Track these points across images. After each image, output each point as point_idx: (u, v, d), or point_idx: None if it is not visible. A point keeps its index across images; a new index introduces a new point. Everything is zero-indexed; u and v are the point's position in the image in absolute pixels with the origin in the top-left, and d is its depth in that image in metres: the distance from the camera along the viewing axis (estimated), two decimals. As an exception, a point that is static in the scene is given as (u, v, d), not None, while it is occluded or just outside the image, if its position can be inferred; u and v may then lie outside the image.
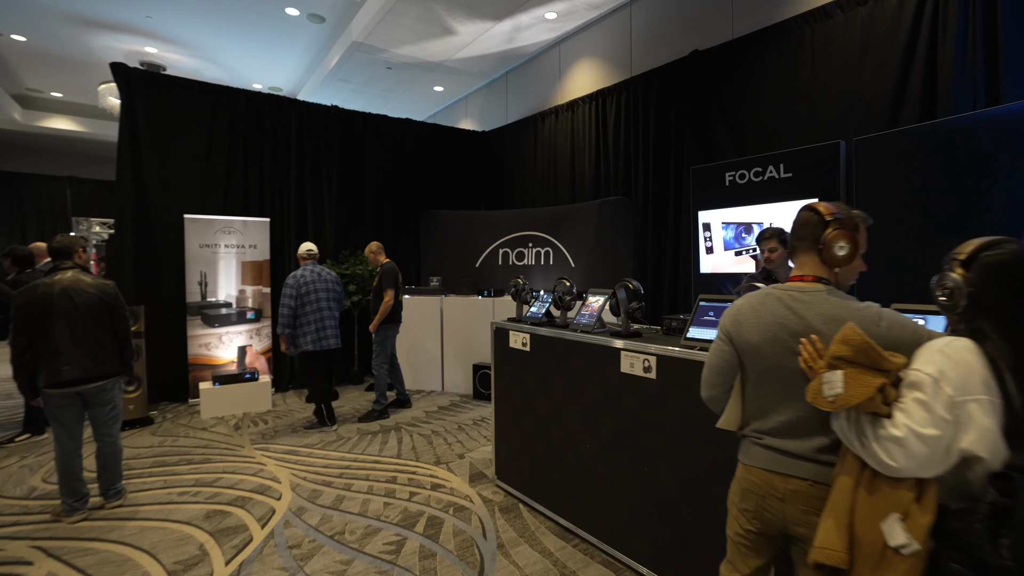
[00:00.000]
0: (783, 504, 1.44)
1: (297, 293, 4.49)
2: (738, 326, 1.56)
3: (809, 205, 1.53)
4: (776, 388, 1.48)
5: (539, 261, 6.55)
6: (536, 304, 3.39)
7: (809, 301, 1.44)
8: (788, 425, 1.45)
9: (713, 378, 1.64)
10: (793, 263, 1.59)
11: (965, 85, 3.37)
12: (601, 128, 6.04)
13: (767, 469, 1.48)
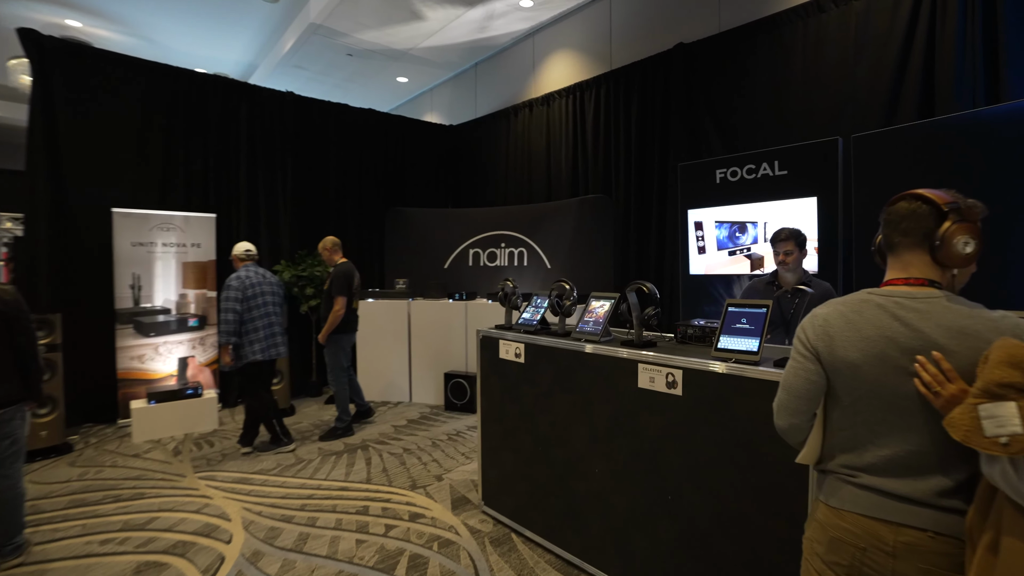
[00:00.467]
0: (893, 560, 1.15)
1: (243, 296, 3.95)
2: (829, 341, 1.27)
3: (914, 193, 1.25)
4: (880, 416, 1.20)
5: (512, 262, 6.22)
6: (529, 309, 3.04)
7: (925, 310, 1.17)
8: (895, 461, 1.18)
9: (795, 404, 1.33)
10: (888, 261, 1.32)
11: (965, 83, 3.29)
12: (579, 123, 5.78)
13: (869, 516, 1.19)
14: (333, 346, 4.40)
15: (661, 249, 5.01)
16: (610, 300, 2.64)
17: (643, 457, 2.22)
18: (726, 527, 1.96)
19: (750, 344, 2.00)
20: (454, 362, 5.51)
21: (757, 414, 1.87)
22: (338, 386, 4.47)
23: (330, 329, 4.32)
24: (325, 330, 4.34)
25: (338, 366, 4.45)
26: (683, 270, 4.45)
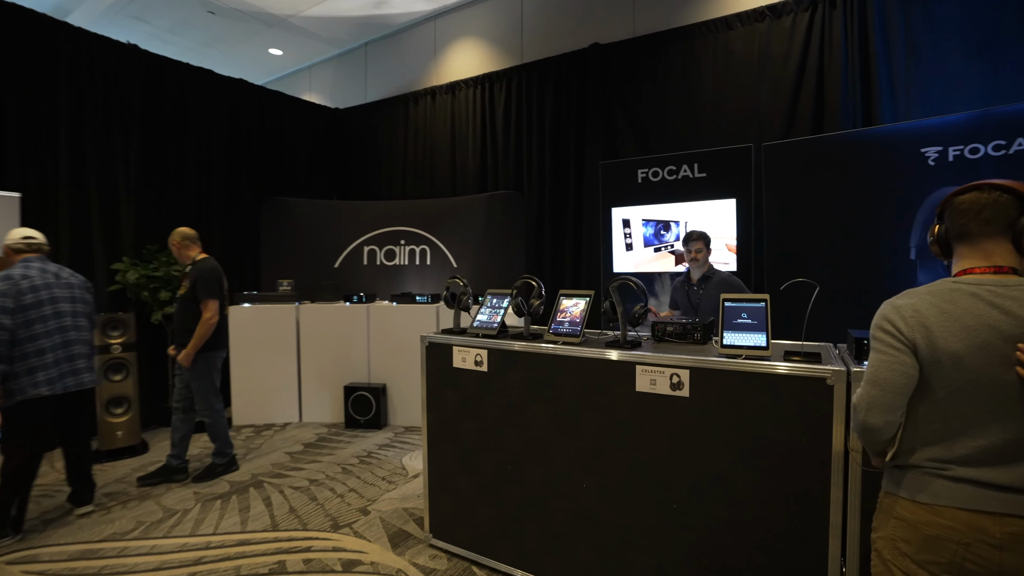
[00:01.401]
0: (1000, 553, 1.12)
1: (17, 305, 2.68)
2: (927, 332, 1.20)
3: (993, 183, 1.25)
4: (978, 407, 1.17)
5: (414, 261, 5.73)
6: (484, 311, 2.70)
7: (1021, 298, 1.16)
8: (992, 451, 1.15)
9: (892, 400, 1.24)
10: (964, 253, 1.29)
11: (847, 106, 3.75)
12: (488, 115, 5.53)
13: (970, 509, 1.15)
14: (202, 365, 3.49)
15: (578, 247, 4.98)
16: (585, 298, 2.43)
17: (644, 468, 2.04)
18: (742, 537, 1.86)
19: (758, 339, 1.94)
20: (354, 373, 4.87)
21: (772, 413, 1.80)
22: (212, 413, 3.58)
23: (200, 343, 3.41)
24: (193, 345, 3.38)
25: (211, 389, 3.56)
26: (605, 267, 4.45)
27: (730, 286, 3.10)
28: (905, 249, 3.28)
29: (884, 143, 3.34)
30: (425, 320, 4.77)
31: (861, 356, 1.79)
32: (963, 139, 3.09)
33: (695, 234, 3.24)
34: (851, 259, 3.37)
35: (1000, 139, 3.00)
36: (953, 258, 1.34)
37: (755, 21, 4.07)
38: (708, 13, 4.30)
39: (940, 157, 3.15)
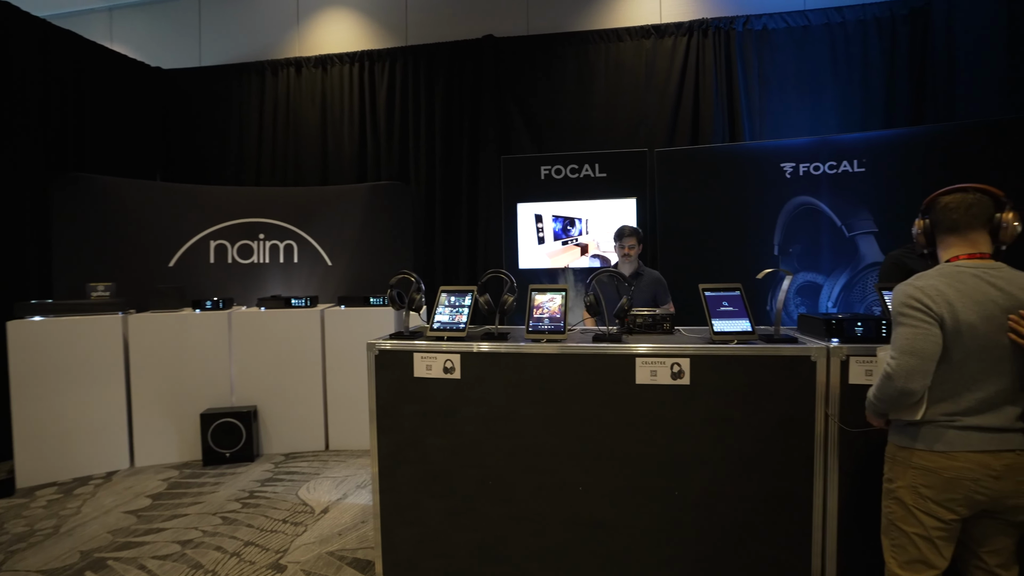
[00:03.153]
0: (998, 481, 1.40)
1: None
2: (951, 308, 1.43)
3: (975, 186, 1.54)
4: (982, 366, 1.44)
5: (278, 258, 4.89)
6: (443, 311, 2.39)
7: (1006, 277, 1.45)
8: (986, 401, 1.43)
9: (926, 366, 1.45)
10: (952, 242, 1.54)
11: (717, 121, 4.33)
12: (368, 98, 5.01)
13: (978, 451, 1.42)
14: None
15: (473, 241, 4.82)
16: (561, 293, 2.32)
17: (649, 461, 2.02)
18: (743, 507, 1.96)
19: (743, 324, 2.07)
20: (213, 396, 3.95)
21: (765, 390, 1.94)
22: None
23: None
24: None
25: None
26: (508, 262, 4.38)
27: (662, 284, 3.22)
28: (770, 246, 3.91)
29: (752, 157, 3.93)
30: (308, 327, 4.11)
31: (832, 335, 2.02)
32: (808, 158, 3.81)
33: (628, 230, 3.19)
34: (729, 254, 3.88)
35: (833, 160, 3.77)
36: (939, 247, 1.60)
37: (642, 37, 4.43)
38: (600, 23, 4.55)
39: (794, 171, 3.82)
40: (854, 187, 3.73)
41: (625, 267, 3.26)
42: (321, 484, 3.44)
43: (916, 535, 1.49)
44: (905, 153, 3.69)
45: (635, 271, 3.20)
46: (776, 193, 3.86)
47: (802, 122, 4.26)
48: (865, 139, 3.81)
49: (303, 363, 4.10)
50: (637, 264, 3.26)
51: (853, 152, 3.75)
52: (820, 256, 3.84)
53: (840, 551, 1.92)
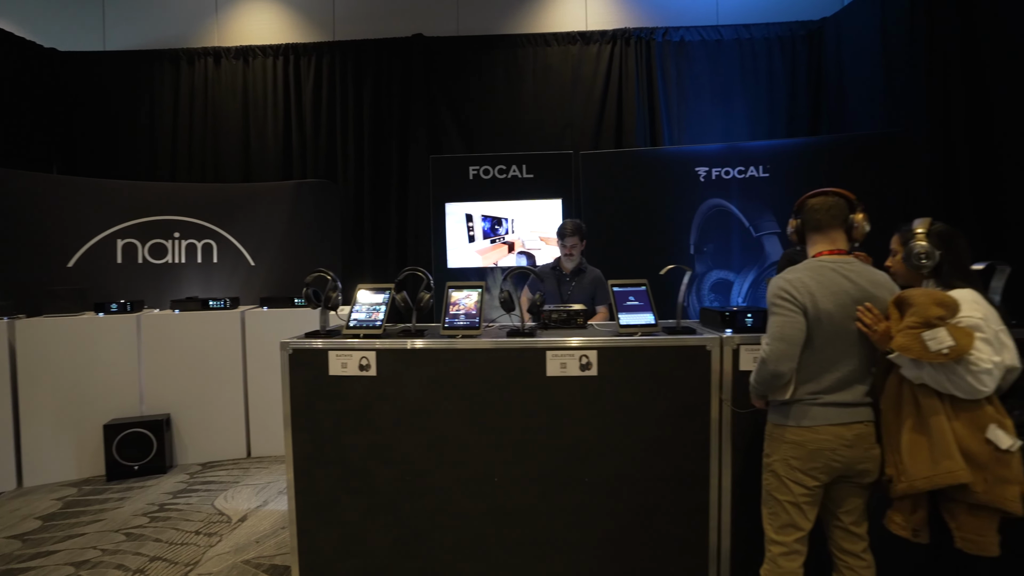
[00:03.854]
0: (850, 449, 1.60)
1: None
2: (812, 298, 1.60)
3: (834, 190, 1.73)
4: (839, 349, 1.62)
5: (195, 258, 4.64)
6: (360, 309, 2.37)
7: (857, 271, 1.65)
8: (842, 380, 1.62)
9: (792, 351, 1.61)
10: (817, 240, 1.71)
11: (639, 126, 4.54)
12: (294, 93, 4.85)
13: (835, 424, 1.61)
14: None
15: (403, 240, 4.79)
16: (477, 290, 2.37)
17: (561, 450, 2.10)
18: (649, 487, 2.08)
19: (647, 318, 2.20)
20: (120, 406, 3.69)
21: (667, 379, 2.07)
22: None
23: None
24: None
25: None
26: (437, 261, 4.38)
27: (602, 283, 3.23)
28: (686, 244, 4.15)
29: (670, 161, 4.15)
30: (228, 330, 3.93)
31: (725, 325, 2.19)
32: (720, 163, 4.07)
33: (571, 228, 3.14)
34: (650, 252, 4.07)
35: (742, 166, 4.05)
36: (808, 244, 1.77)
37: (568, 43, 4.58)
38: (529, 27, 4.65)
39: (707, 175, 4.08)
40: (760, 191, 4.03)
41: (567, 264, 3.23)
42: (240, 492, 3.30)
43: (787, 502, 1.65)
44: (804, 160, 4.02)
45: (577, 267, 3.19)
46: (691, 196, 4.11)
47: (716, 129, 4.55)
48: (770, 147, 4.13)
49: (222, 367, 3.92)
50: (580, 260, 3.23)
51: (759, 158, 4.05)
52: (731, 255, 4.11)
53: (734, 524, 2.08)
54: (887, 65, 3.95)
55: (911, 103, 3.74)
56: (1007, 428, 1.47)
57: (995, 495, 1.44)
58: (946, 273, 1.64)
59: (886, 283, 1.65)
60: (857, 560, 1.66)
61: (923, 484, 1.48)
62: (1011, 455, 1.45)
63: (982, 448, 1.45)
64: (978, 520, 1.48)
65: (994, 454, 1.45)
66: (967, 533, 1.49)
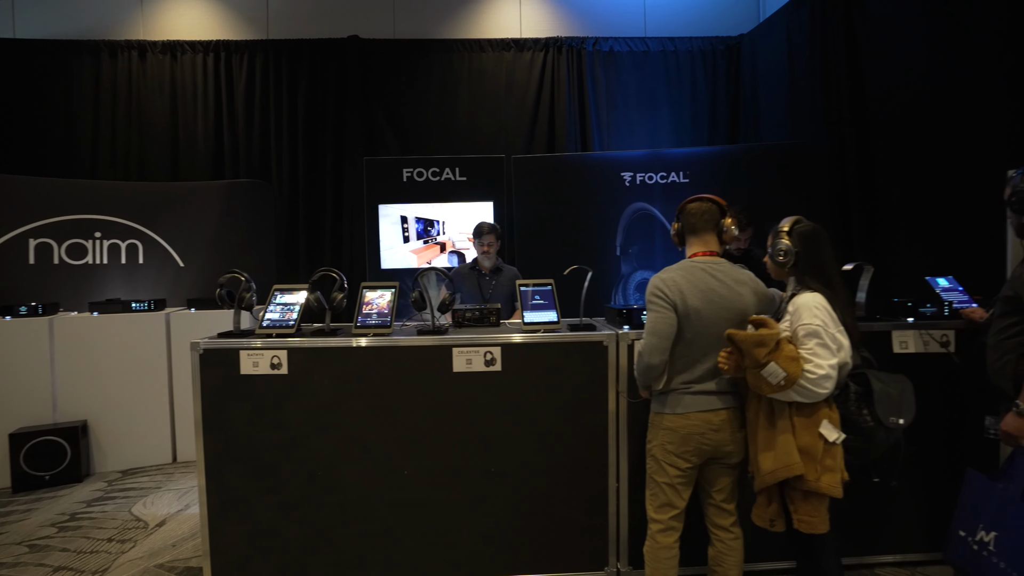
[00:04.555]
0: (717, 433, 1.76)
1: None
2: (682, 295, 1.74)
3: (707, 197, 1.88)
4: (708, 343, 1.76)
5: (118, 259, 4.48)
6: (274, 309, 2.40)
7: (724, 271, 1.81)
8: (710, 370, 1.77)
9: (663, 344, 1.75)
10: (693, 242, 1.88)
11: (570, 131, 4.72)
12: (225, 91, 4.76)
13: (703, 411, 1.76)
14: None
15: (338, 242, 4.79)
16: (391, 290, 2.44)
17: (466, 443, 2.20)
18: (551, 478, 2.22)
19: (551, 316, 2.34)
20: (29, 414, 3.54)
21: (566, 373, 2.21)
22: None
23: None
24: None
25: None
26: (371, 262, 4.41)
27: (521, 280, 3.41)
28: (612, 247, 4.34)
29: (598, 166, 4.34)
30: (151, 333, 3.84)
31: (623, 322, 2.35)
32: (644, 169, 4.29)
33: (487, 227, 3.25)
34: (578, 254, 4.23)
35: (664, 171, 4.28)
36: (687, 246, 1.94)
37: (503, 50, 4.70)
38: (464, 33, 4.75)
39: (632, 180, 4.29)
40: (681, 195, 4.14)
41: (485, 262, 3.33)
42: (161, 498, 3.24)
43: (664, 483, 1.81)
44: (721, 167, 4.29)
45: (495, 267, 3.30)
46: (618, 199, 4.30)
47: (642, 136, 4.79)
48: (689, 154, 4.39)
49: (145, 371, 3.82)
50: (496, 260, 3.37)
51: (680, 165, 4.29)
52: (654, 256, 4.33)
53: (631, 508, 2.23)
54: (793, 81, 4.28)
55: (812, 116, 4.06)
56: (835, 422, 1.65)
57: (823, 483, 1.62)
58: (802, 271, 1.78)
59: (749, 282, 1.81)
60: (727, 533, 1.84)
61: (770, 479, 1.66)
62: (836, 447, 1.64)
63: (815, 442, 1.62)
64: (810, 504, 1.67)
65: (824, 446, 1.62)
66: (803, 516, 1.67)
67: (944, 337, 2.31)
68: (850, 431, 1.67)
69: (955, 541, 1.95)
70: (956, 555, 1.95)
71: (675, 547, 1.84)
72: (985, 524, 1.83)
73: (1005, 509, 1.77)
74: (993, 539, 1.80)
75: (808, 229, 1.80)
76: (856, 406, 1.69)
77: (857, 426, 1.68)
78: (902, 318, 2.40)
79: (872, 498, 2.18)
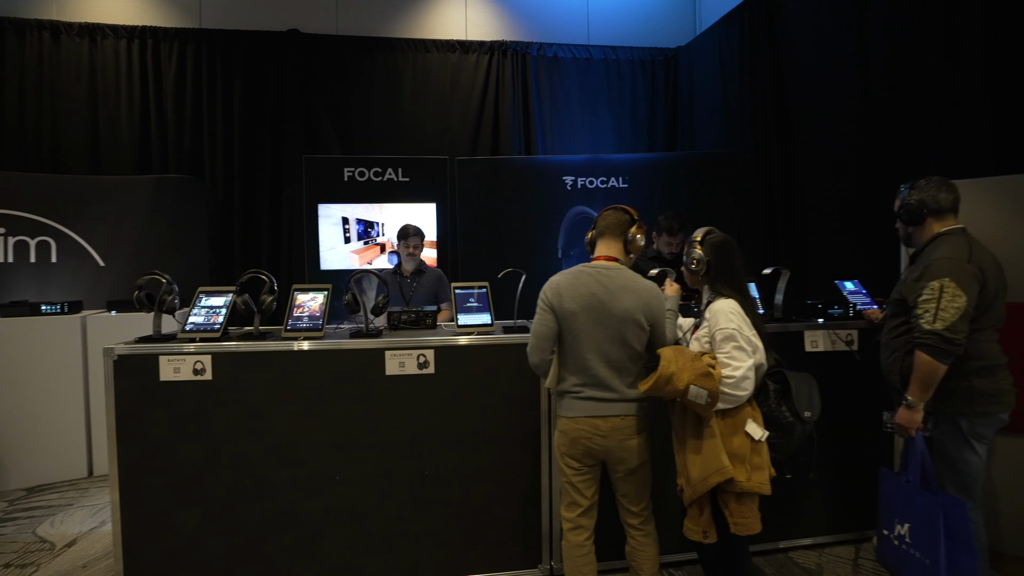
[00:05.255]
0: (605, 439, 1.76)
1: None
2: (559, 298, 1.78)
3: (619, 207, 1.92)
4: (589, 347, 1.76)
5: (26, 258, 4.14)
6: (198, 312, 2.29)
7: (613, 276, 1.79)
8: (597, 376, 1.77)
9: (542, 344, 1.80)
10: (598, 247, 1.90)
11: (514, 134, 4.77)
12: (153, 81, 4.50)
13: (590, 416, 1.77)
14: None
15: (276, 242, 4.63)
16: (323, 292, 2.39)
17: (399, 447, 2.19)
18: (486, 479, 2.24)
19: (485, 318, 2.37)
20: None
21: (499, 375, 2.24)
22: None
23: None
24: None
25: None
26: (309, 263, 4.28)
27: (444, 281, 3.42)
28: (554, 249, 4.43)
29: (541, 169, 4.41)
30: (64, 338, 3.57)
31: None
32: (585, 173, 4.39)
33: (413, 229, 3.28)
34: (521, 255, 4.29)
35: (604, 176, 4.41)
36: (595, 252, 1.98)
37: (448, 51, 4.69)
38: (409, 32, 4.71)
39: (573, 184, 4.38)
40: (620, 200, 4.34)
41: (408, 265, 3.33)
42: (73, 516, 3.02)
43: (566, 482, 1.87)
44: (658, 173, 4.46)
45: (417, 268, 3.29)
46: (560, 203, 4.39)
47: (584, 141, 4.91)
48: (628, 160, 4.53)
49: (57, 379, 3.54)
50: (419, 262, 3.35)
51: (619, 170, 4.43)
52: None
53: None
54: (725, 93, 4.51)
55: (742, 127, 4.30)
56: (758, 420, 1.73)
57: (753, 482, 1.68)
58: (714, 279, 1.85)
59: (635, 288, 1.76)
60: (637, 531, 1.86)
61: (702, 487, 1.69)
62: (762, 444, 1.71)
63: (743, 442, 1.69)
64: (744, 506, 1.71)
65: (751, 445, 1.70)
66: (737, 518, 1.71)
67: (849, 336, 2.51)
68: (772, 428, 1.76)
69: (882, 541, 2.02)
70: (885, 555, 2.02)
71: (586, 545, 1.86)
72: (899, 517, 1.93)
73: (911, 499, 1.89)
74: (908, 531, 1.89)
75: (719, 239, 1.86)
76: (776, 403, 1.79)
77: (778, 422, 1.77)
78: (814, 319, 2.58)
79: (786, 488, 2.33)
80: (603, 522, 1.91)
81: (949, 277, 1.77)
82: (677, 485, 1.82)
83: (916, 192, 1.96)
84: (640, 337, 1.77)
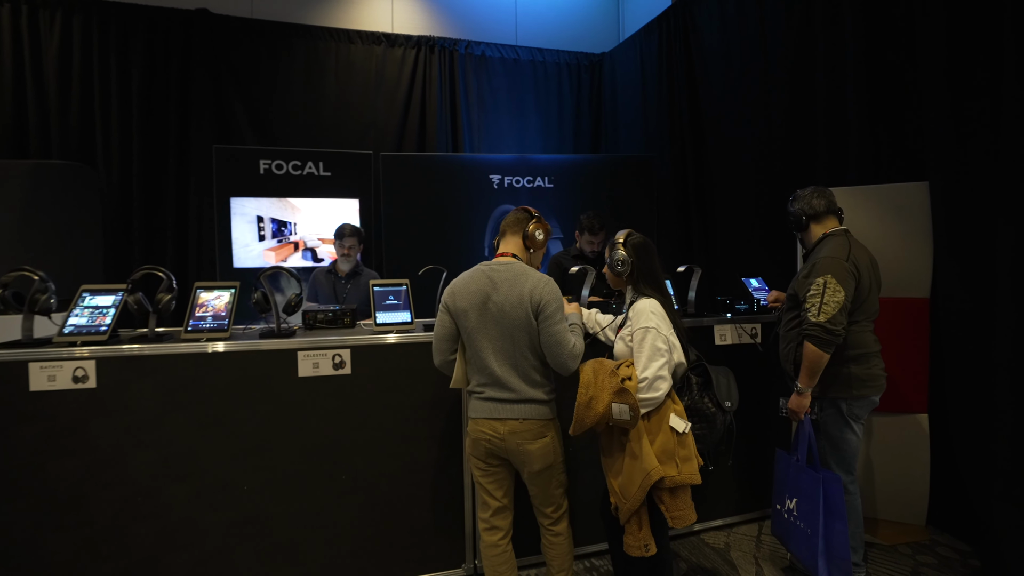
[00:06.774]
0: (503, 442, 1.76)
1: None
2: (453, 297, 1.79)
3: (523, 207, 1.92)
4: (482, 346, 1.74)
5: None
6: (80, 312, 2.06)
7: (505, 271, 1.78)
8: (494, 377, 1.75)
9: (441, 345, 1.82)
10: (500, 245, 1.90)
11: (441, 131, 4.71)
12: (30, 54, 3.99)
13: (488, 417, 1.77)
14: None
15: (184, 238, 4.28)
16: (229, 290, 2.24)
17: (312, 451, 2.09)
18: (405, 479, 2.19)
19: (404, 316, 2.32)
20: None
21: (418, 374, 2.19)
22: None
23: None
24: None
25: None
26: (221, 261, 3.99)
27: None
28: (479, 248, 4.42)
29: (468, 167, 4.39)
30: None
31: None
32: (511, 172, 4.43)
33: (350, 229, 3.19)
34: (447, 253, 4.23)
35: (530, 176, 4.46)
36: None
37: (373, 43, 4.55)
38: (330, 21, 4.52)
39: (500, 183, 4.40)
40: (546, 200, 4.48)
41: (344, 265, 3.24)
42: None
43: (476, 481, 1.88)
44: (582, 174, 4.58)
45: (353, 270, 3.22)
46: (486, 201, 4.39)
47: (511, 140, 4.94)
48: (554, 160, 4.62)
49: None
50: (355, 263, 3.29)
51: (545, 170, 4.50)
52: (522, 257, 4.48)
53: (485, 501, 2.28)
54: (645, 99, 4.71)
55: (661, 132, 4.51)
56: (680, 414, 1.77)
57: (684, 474, 1.71)
58: (637, 280, 1.90)
59: (518, 279, 1.74)
60: (548, 531, 1.88)
61: (639, 494, 1.70)
62: (687, 436, 1.76)
63: (669, 438, 1.73)
64: (679, 499, 1.73)
65: (676, 439, 1.73)
66: (673, 512, 1.72)
67: (753, 330, 2.70)
68: (696, 419, 1.83)
69: (775, 515, 2.21)
70: (778, 527, 2.21)
71: (501, 544, 1.85)
72: (788, 493, 2.13)
73: (798, 477, 2.08)
74: (795, 504, 2.08)
75: (640, 241, 1.92)
76: (699, 395, 1.86)
77: (702, 413, 1.84)
78: (723, 314, 2.75)
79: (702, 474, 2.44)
80: (527, 516, 1.91)
81: (831, 274, 1.95)
82: (611, 505, 1.81)
83: (796, 202, 2.19)
84: (530, 329, 1.72)
